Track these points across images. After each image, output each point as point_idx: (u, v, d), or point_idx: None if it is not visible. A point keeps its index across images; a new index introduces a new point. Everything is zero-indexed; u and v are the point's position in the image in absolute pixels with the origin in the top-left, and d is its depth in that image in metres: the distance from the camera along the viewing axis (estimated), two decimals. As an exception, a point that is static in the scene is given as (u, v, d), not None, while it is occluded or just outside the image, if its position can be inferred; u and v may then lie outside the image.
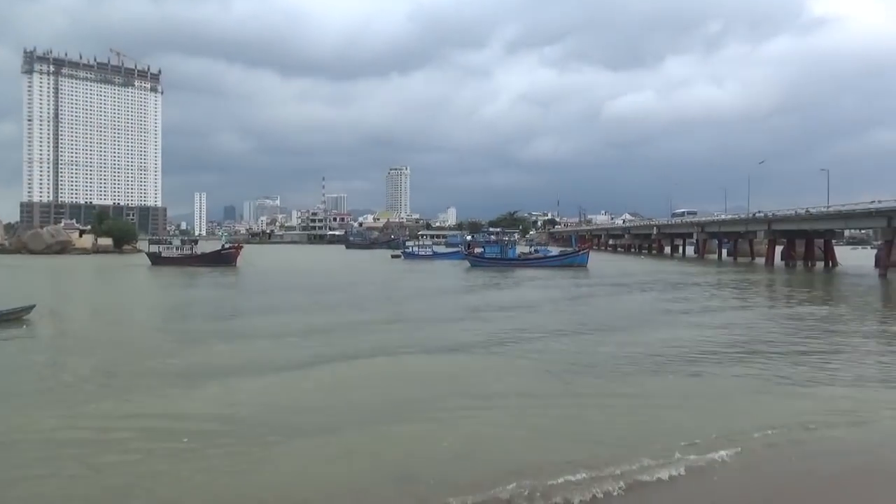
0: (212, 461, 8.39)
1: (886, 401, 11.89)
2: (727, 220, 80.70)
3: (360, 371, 14.24)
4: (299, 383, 12.90)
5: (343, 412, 10.87)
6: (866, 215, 53.91)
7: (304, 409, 11.10)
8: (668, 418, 10.62)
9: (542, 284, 40.43)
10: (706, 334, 19.65)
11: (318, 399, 11.80)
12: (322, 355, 15.56)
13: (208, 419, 10.29)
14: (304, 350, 16.48)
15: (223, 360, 15.12)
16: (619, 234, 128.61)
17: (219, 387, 12.38)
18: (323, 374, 13.74)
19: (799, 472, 8.49)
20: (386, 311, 26.29)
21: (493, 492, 7.42)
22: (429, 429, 9.87)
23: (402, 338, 18.73)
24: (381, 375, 13.85)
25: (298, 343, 17.77)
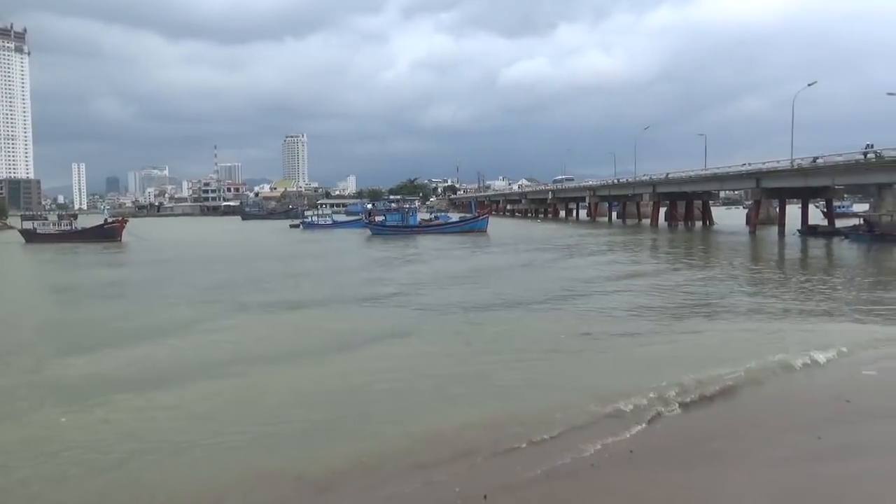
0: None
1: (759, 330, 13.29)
2: (616, 184, 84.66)
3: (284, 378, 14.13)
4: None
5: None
6: (738, 177, 58.27)
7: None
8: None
9: (446, 252, 41.16)
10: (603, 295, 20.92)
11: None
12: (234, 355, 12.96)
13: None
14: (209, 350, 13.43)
15: (110, 368, 11.90)
16: (517, 199, 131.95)
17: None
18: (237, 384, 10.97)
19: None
20: (295, 287, 25.98)
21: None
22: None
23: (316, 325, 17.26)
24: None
25: (198, 339, 14.52)
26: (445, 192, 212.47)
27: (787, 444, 7.87)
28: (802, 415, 8.97)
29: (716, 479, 6.98)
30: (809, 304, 18.56)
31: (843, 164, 45.26)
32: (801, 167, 49.57)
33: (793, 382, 10.48)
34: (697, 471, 7.16)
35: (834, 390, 9.86)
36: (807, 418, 8.78)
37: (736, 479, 6.88)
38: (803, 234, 49.67)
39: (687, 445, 7.91)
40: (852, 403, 9.24)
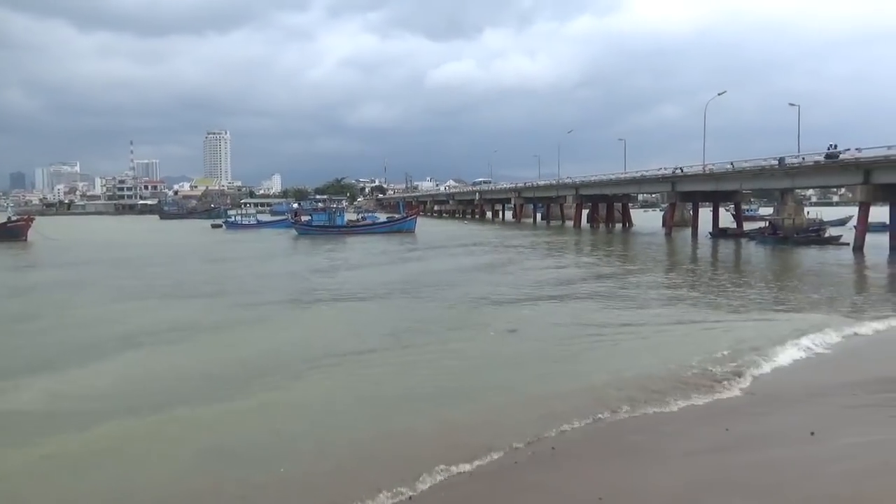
0: None
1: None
2: (540, 185, 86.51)
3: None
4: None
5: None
6: (655, 181, 60.77)
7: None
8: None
9: (376, 251, 40.99)
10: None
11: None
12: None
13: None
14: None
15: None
16: (444, 199, 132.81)
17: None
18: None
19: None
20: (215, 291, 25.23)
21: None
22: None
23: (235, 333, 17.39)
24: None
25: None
26: (373, 192, 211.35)
27: (699, 436, 8.35)
28: (712, 408, 9.52)
29: (634, 471, 7.32)
30: (721, 301, 19.64)
31: (750, 169, 47.92)
32: (713, 172, 52.17)
33: (703, 377, 11.09)
34: (616, 464, 7.51)
35: (740, 383, 10.53)
36: (715, 411, 9.34)
37: (653, 471, 7.25)
38: (714, 237, 52.34)
39: (607, 440, 8.27)
40: (757, 395, 9.91)
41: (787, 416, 9.06)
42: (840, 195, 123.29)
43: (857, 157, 38.69)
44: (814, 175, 44.08)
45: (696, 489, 6.78)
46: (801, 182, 47.61)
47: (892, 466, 7.01)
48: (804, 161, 43.04)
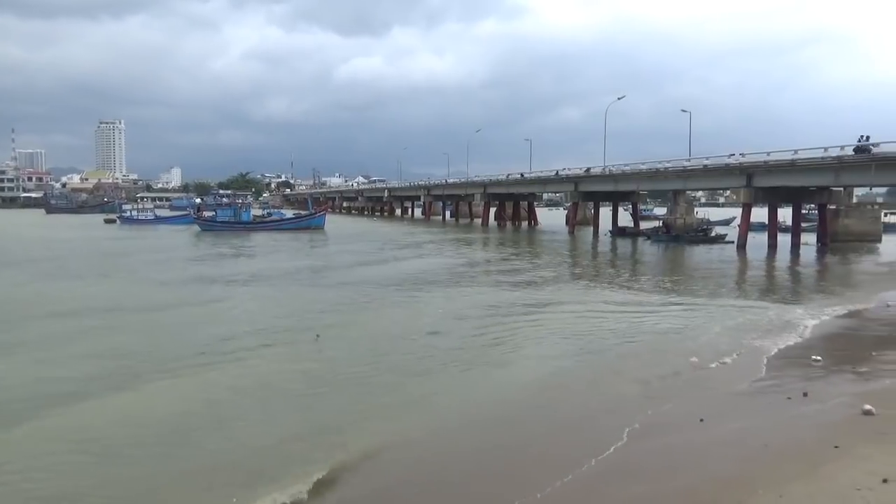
0: None
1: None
2: (450, 184, 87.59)
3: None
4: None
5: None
6: (559, 181, 63.05)
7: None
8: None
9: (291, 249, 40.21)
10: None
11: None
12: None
13: None
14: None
15: None
16: (354, 196, 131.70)
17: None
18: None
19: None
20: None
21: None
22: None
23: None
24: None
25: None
26: (279, 187, 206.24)
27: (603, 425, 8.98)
28: (614, 397, 10.23)
29: (545, 461, 7.81)
30: (616, 295, 20.81)
31: (645, 171, 50.68)
32: (612, 173, 54.77)
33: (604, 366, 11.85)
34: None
35: (644, 372, 11.35)
36: (619, 398, 10.05)
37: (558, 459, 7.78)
38: (614, 235, 54.99)
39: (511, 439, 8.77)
40: (652, 385, 10.73)
41: (680, 405, 9.88)
42: (726, 197, 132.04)
43: (740, 162, 41.82)
44: (703, 178, 47.23)
45: (596, 476, 7.36)
46: (692, 184, 50.89)
47: (771, 449, 7.87)
48: (705, 163, 46.08)
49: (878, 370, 11.44)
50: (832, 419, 8.84)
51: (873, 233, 48.53)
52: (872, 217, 50.86)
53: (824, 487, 6.56)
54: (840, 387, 10.41)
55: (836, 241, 44.37)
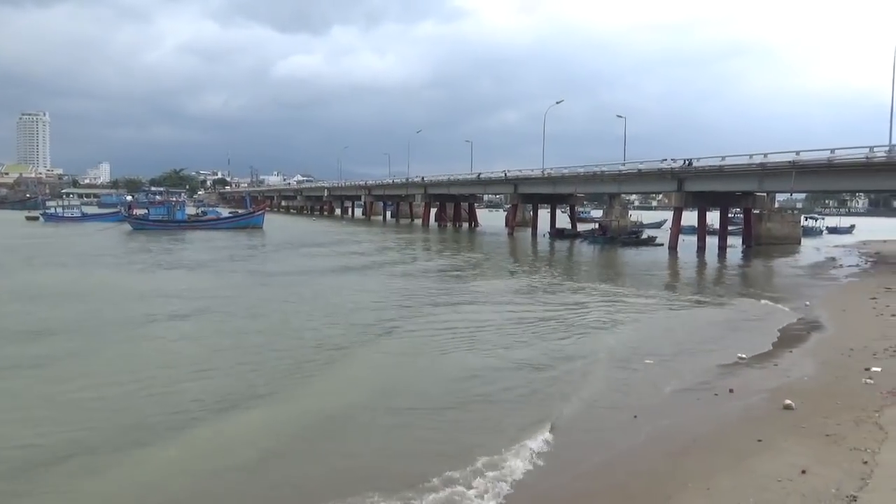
0: None
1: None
2: (390, 184, 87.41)
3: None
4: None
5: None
6: (499, 182, 63.85)
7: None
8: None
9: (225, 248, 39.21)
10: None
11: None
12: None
13: None
14: None
15: None
16: (293, 195, 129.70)
17: None
18: None
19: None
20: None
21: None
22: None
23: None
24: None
25: None
26: (215, 185, 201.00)
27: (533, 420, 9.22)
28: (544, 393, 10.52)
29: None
30: (551, 297, 21.30)
31: (583, 174, 51.93)
32: (551, 176, 55.87)
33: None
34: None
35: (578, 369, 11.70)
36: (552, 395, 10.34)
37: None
38: (552, 236, 56.11)
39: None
40: (587, 383, 11.08)
41: (614, 402, 10.24)
42: (658, 201, 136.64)
43: (672, 167, 43.42)
44: (637, 182, 48.79)
45: (528, 472, 7.57)
46: (627, 188, 52.49)
47: (700, 444, 8.26)
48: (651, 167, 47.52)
49: (796, 366, 12.12)
50: (756, 414, 9.33)
51: (793, 236, 51.22)
52: (793, 221, 53.67)
53: (748, 479, 6.93)
54: (763, 383, 10.98)
55: (760, 243, 46.62)
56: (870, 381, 10.42)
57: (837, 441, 7.79)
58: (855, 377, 10.79)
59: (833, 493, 6.31)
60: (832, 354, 12.79)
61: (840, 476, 6.73)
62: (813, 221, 69.39)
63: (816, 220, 72.31)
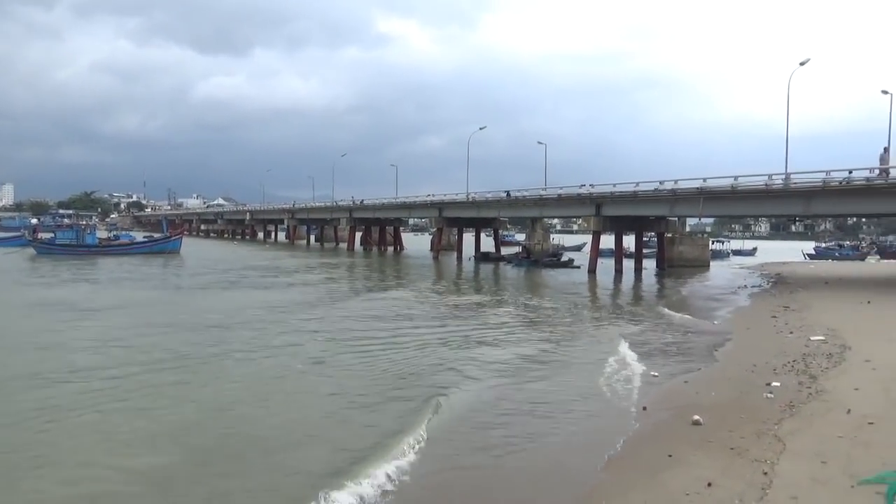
0: None
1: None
2: (315, 207, 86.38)
3: None
4: None
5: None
6: (424, 206, 64.31)
7: None
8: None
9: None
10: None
11: None
12: None
13: None
14: None
15: None
16: (213, 219, 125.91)
17: None
18: None
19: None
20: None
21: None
22: None
23: None
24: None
25: None
26: (129, 208, 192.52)
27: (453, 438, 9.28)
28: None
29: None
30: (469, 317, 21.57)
31: (506, 199, 53.03)
32: (475, 200, 56.76)
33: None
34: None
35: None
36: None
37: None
38: (477, 260, 56.84)
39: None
40: (504, 400, 11.25)
41: (526, 422, 10.45)
42: (578, 225, 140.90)
43: (590, 192, 45.02)
44: (557, 207, 50.25)
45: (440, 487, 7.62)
46: (548, 212, 53.96)
47: (614, 461, 8.55)
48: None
49: (705, 382, 12.73)
50: (667, 430, 9.73)
51: (703, 258, 53.91)
52: (702, 244, 56.55)
53: (659, 494, 7.22)
54: (674, 400, 11.48)
55: (672, 265, 48.80)
56: (770, 396, 11.08)
57: (741, 453, 8.23)
58: (757, 392, 11.44)
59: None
60: (737, 370, 13.52)
61: (743, 487, 7.12)
62: (720, 245, 73.38)
63: (723, 244, 76.54)
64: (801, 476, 7.28)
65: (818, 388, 11.21)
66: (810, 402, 10.37)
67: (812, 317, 20.65)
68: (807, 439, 8.54)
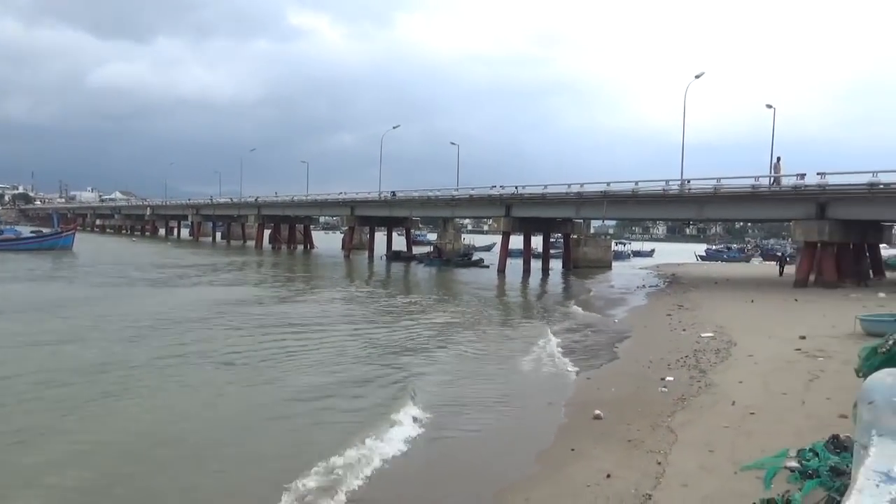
0: None
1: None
2: (221, 203, 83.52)
3: None
4: None
5: None
6: (336, 204, 63.60)
7: None
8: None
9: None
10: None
11: None
12: None
13: None
14: None
15: None
16: (109, 213, 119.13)
17: None
18: None
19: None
20: None
21: None
22: None
23: None
24: None
25: None
26: (15, 201, 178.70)
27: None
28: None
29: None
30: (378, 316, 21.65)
31: (418, 198, 53.32)
32: (387, 199, 56.70)
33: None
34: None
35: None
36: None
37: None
38: (389, 259, 56.79)
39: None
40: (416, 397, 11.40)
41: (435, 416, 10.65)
42: (489, 225, 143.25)
43: (501, 194, 46.03)
44: (469, 207, 51.06)
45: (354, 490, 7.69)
46: (460, 212, 54.74)
47: (521, 455, 8.87)
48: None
49: (605, 378, 13.38)
50: (571, 425, 10.19)
51: (605, 260, 56.25)
52: (605, 246, 58.94)
53: (563, 487, 7.57)
54: (578, 395, 12.00)
55: (577, 266, 50.66)
56: (664, 390, 11.79)
57: (637, 445, 8.73)
58: (653, 386, 12.14)
59: (632, 494, 7.08)
60: (635, 366, 14.27)
61: (638, 477, 7.57)
62: (622, 246, 76.89)
63: (625, 245, 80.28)
64: (691, 465, 7.82)
65: (707, 382, 12.03)
66: (700, 395, 11.12)
67: (703, 315, 22.05)
68: (696, 430, 9.16)
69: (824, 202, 31.10)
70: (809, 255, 31.71)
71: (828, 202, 31.05)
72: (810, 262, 31.59)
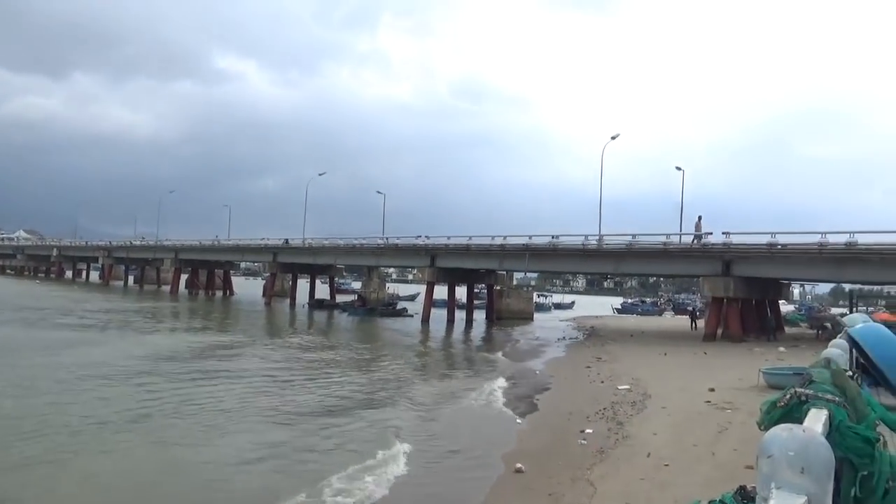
0: None
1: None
2: (136, 245, 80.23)
3: None
4: None
5: None
6: (258, 250, 62.30)
7: None
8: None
9: None
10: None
11: None
12: None
13: None
14: None
15: None
16: (11, 253, 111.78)
17: None
18: None
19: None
20: None
21: None
22: None
23: None
24: None
25: None
26: None
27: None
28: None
29: None
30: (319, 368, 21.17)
31: (343, 247, 53.08)
32: (311, 246, 56.07)
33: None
34: None
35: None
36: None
37: None
38: (311, 307, 55.77)
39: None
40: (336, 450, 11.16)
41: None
42: (414, 274, 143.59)
43: (426, 244, 46.43)
44: (394, 256, 51.21)
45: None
46: (385, 261, 54.80)
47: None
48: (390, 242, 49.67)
49: (526, 430, 13.52)
50: (492, 478, 10.21)
51: (527, 311, 57.22)
52: (527, 298, 60.05)
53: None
54: (500, 448, 12.05)
55: (500, 317, 51.27)
56: (584, 442, 12.02)
57: (558, 499, 8.85)
58: (573, 439, 12.37)
59: (553, 547, 7.16)
60: (556, 418, 14.51)
61: (559, 531, 7.66)
62: (543, 298, 78.48)
63: (546, 298, 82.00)
64: (609, 517, 7.99)
65: (624, 434, 12.36)
66: (618, 448, 11.41)
67: (620, 367, 22.74)
68: (614, 482, 9.38)
69: (729, 260, 33.08)
70: (717, 310, 33.42)
71: (732, 260, 33.04)
72: (717, 316, 33.28)
